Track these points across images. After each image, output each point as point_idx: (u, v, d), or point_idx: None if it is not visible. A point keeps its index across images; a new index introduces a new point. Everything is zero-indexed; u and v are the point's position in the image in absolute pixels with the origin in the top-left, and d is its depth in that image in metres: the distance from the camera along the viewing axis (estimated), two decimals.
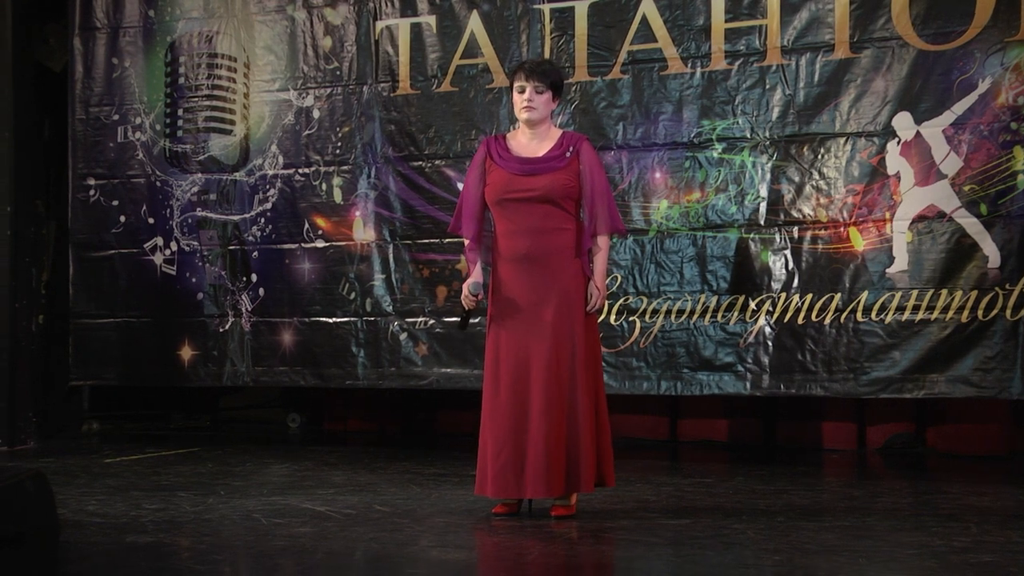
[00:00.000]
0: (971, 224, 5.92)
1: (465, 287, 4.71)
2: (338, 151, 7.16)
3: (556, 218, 4.60)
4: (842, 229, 6.16)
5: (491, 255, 4.73)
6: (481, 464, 4.64)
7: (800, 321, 6.22)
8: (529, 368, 4.55)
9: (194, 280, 7.51)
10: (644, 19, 6.54)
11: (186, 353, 7.51)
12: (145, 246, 7.62)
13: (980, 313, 5.89)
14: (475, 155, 4.82)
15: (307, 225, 7.21)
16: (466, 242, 4.80)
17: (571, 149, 4.64)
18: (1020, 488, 5.46)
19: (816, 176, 6.21)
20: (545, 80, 4.63)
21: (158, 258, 7.59)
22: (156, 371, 7.61)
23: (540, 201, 4.58)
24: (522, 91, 4.64)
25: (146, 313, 7.62)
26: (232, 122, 7.45)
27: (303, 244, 7.22)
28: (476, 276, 4.70)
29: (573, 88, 6.63)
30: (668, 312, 6.46)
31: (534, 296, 4.58)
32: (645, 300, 6.52)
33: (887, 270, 6.07)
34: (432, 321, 6.93)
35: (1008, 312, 5.84)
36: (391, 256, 7.02)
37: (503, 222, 4.65)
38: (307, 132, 7.24)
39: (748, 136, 6.34)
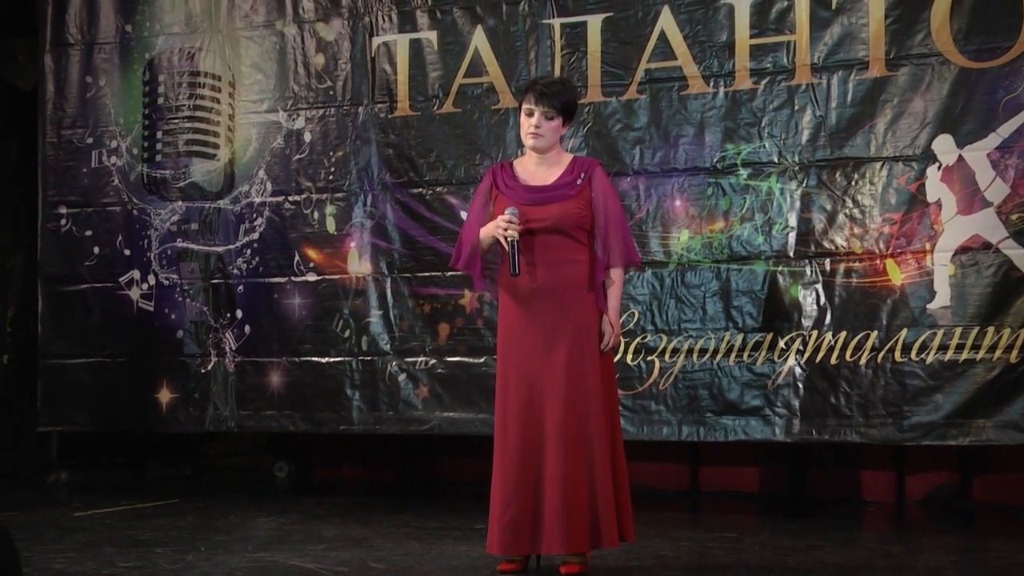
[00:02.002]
0: (1019, 256, 5.93)
1: (498, 219, 4.57)
2: (331, 177, 7.18)
3: (568, 249, 4.61)
4: (878, 261, 6.17)
5: (497, 289, 4.74)
6: (491, 517, 4.61)
7: (833, 361, 6.22)
8: (542, 412, 4.54)
9: (174, 317, 7.52)
10: (662, 35, 6.57)
11: (165, 396, 7.51)
12: (121, 280, 7.64)
13: None
14: (480, 184, 4.85)
15: (297, 257, 7.23)
16: (475, 281, 4.82)
17: (583, 175, 4.65)
18: None
19: (850, 204, 6.23)
20: (556, 105, 4.62)
21: (135, 293, 7.61)
22: (132, 415, 7.60)
23: (551, 232, 4.59)
24: (530, 115, 4.64)
25: (121, 352, 7.62)
26: (216, 146, 7.48)
27: (293, 277, 7.24)
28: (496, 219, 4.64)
29: (586, 109, 6.66)
30: (690, 351, 6.47)
31: (545, 333, 4.57)
32: (665, 338, 6.52)
33: (928, 306, 6.07)
34: (433, 361, 6.93)
35: None
36: (389, 290, 7.04)
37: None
38: (298, 156, 7.27)
39: (776, 161, 6.36)
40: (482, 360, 6.79)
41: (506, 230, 4.53)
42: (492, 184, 4.74)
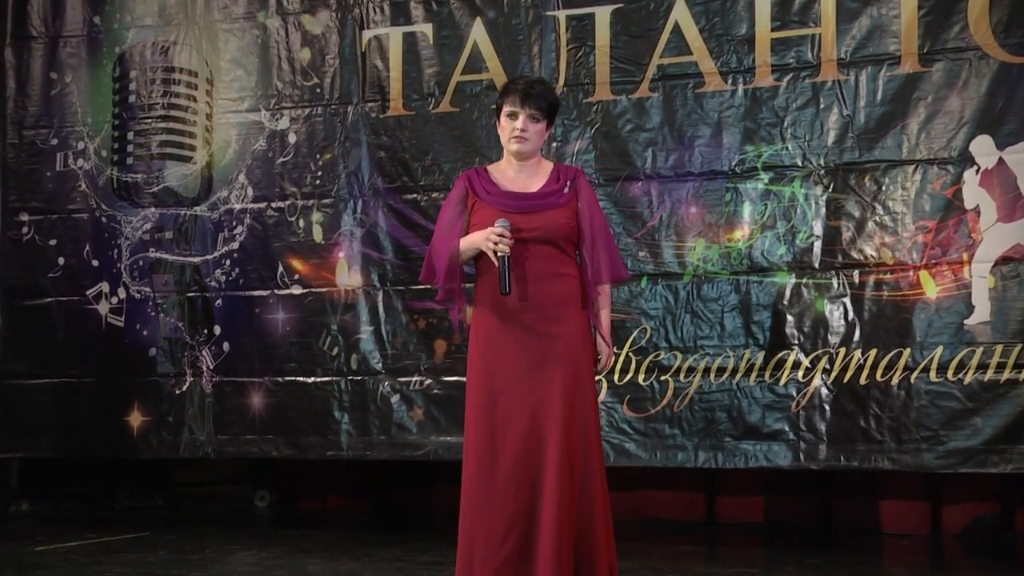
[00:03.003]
0: None
1: (487, 231, 4.47)
2: (318, 182, 7.17)
3: (557, 262, 4.55)
4: (911, 273, 6.16)
5: (475, 309, 4.63)
6: (465, 557, 4.44)
7: (862, 381, 6.21)
8: (542, 441, 4.43)
9: (146, 333, 7.50)
10: (676, 28, 6.57)
11: (135, 419, 7.48)
12: (88, 293, 7.62)
13: None
14: (452, 191, 4.73)
15: (281, 268, 7.22)
16: (439, 292, 4.67)
17: (569, 184, 4.62)
18: None
19: (880, 211, 6.22)
20: (541, 107, 4.57)
21: (103, 307, 7.59)
22: (100, 441, 7.57)
23: (539, 242, 4.52)
24: (513, 117, 4.57)
25: (88, 372, 7.60)
26: (192, 148, 7.47)
27: (276, 291, 7.22)
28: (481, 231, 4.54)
29: (594, 108, 6.65)
30: (706, 370, 6.45)
31: (535, 355, 4.48)
32: (679, 356, 6.50)
33: (965, 321, 6.06)
34: (429, 381, 6.91)
35: None
36: (381, 304, 7.03)
37: (493, 268, 4.51)
38: (281, 159, 7.26)
39: (799, 164, 6.36)
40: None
41: (497, 244, 4.47)
42: (468, 191, 4.64)
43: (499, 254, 4.44)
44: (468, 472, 4.51)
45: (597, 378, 4.72)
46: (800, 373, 6.30)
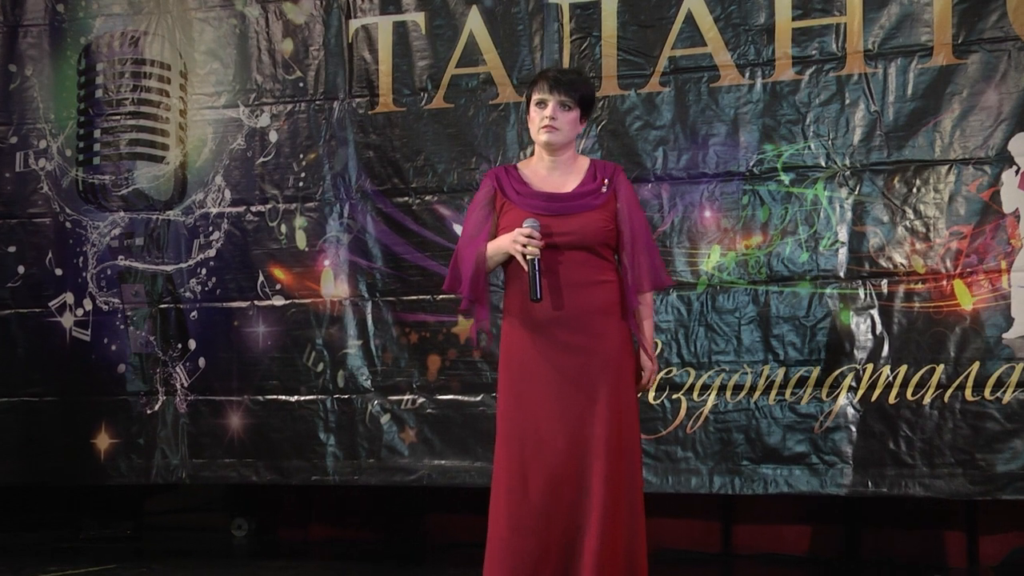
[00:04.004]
0: None
1: (514, 233, 4.50)
2: (301, 184, 7.17)
3: (594, 268, 4.58)
4: (945, 283, 6.15)
5: (488, 319, 4.67)
6: None
7: (892, 400, 6.19)
8: (584, 469, 4.44)
9: (114, 348, 7.49)
10: (690, 16, 6.56)
11: (103, 442, 7.46)
12: (51, 304, 7.60)
13: None
14: (478, 192, 4.78)
15: (261, 278, 7.21)
16: (463, 302, 4.71)
17: (606, 183, 4.63)
18: None
19: (911, 215, 6.21)
20: (573, 94, 4.61)
21: (68, 320, 7.57)
22: (63, 465, 7.55)
23: (574, 247, 4.55)
24: (542, 106, 4.62)
25: (51, 390, 7.58)
26: (164, 147, 7.46)
27: (256, 302, 7.22)
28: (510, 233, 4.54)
29: (600, 104, 6.64)
30: (722, 388, 6.45)
31: (570, 372, 4.51)
32: (693, 373, 6.49)
33: (1004, 335, 6.04)
34: (422, 400, 6.90)
35: None
36: (370, 317, 7.02)
37: (524, 275, 4.55)
38: (262, 159, 7.25)
39: (823, 164, 6.35)
40: (479, 398, 6.76)
41: (525, 246, 4.46)
42: (496, 191, 4.68)
43: (528, 257, 4.44)
44: (496, 500, 4.55)
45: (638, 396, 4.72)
46: (824, 391, 6.29)
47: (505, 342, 4.65)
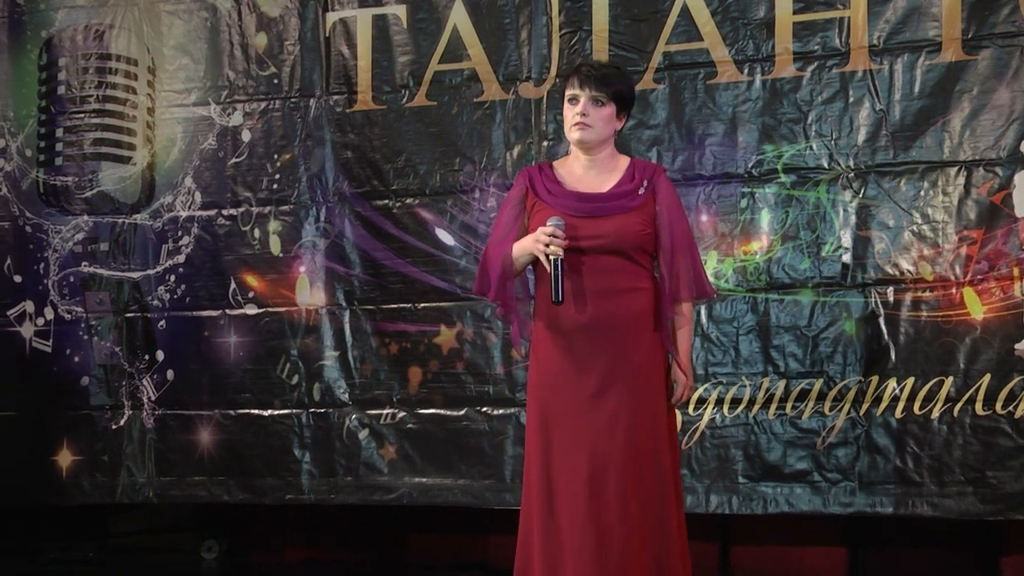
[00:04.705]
0: None
1: (537, 232, 4.52)
2: (276, 186, 7.17)
3: (629, 275, 4.58)
4: (954, 290, 6.14)
5: (531, 326, 4.69)
6: None
7: (898, 414, 6.19)
8: (605, 480, 4.47)
9: (77, 360, 7.48)
10: (685, 10, 6.55)
11: (65, 459, 7.45)
12: (9, 314, 7.60)
13: None
14: (511, 191, 4.82)
15: (233, 285, 7.21)
16: (499, 308, 4.75)
17: (645, 183, 4.63)
18: None
19: (917, 219, 6.21)
20: (605, 89, 4.62)
21: (27, 329, 7.56)
22: (23, 484, 7.54)
23: (607, 252, 4.55)
24: (575, 102, 4.63)
25: (10, 404, 7.57)
26: (131, 147, 7.46)
27: (228, 311, 7.21)
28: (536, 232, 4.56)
29: None
30: (719, 402, 6.45)
31: (597, 384, 4.52)
32: None
33: (1016, 346, 6.03)
34: (403, 414, 6.89)
35: None
36: (347, 326, 7.01)
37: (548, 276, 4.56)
38: (234, 160, 7.25)
39: (825, 166, 6.35)
40: (462, 412, 6.77)
41: (548, 245, 4.46)
42: (528, 190, 4.70)
43: (551, 256, 4.43)
44: (526, 517, 4.58)
45: None
46: (827, 405, 6.28)
47: (533, 350, 4.69)
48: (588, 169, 4.67)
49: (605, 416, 4.49)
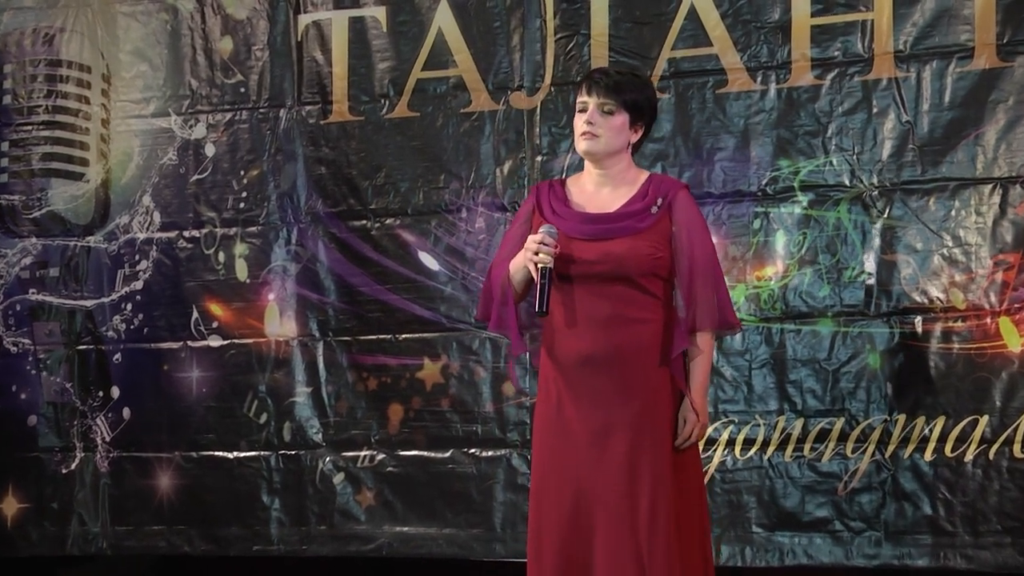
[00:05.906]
0: None
1: (529, 240, 4.54)
2: (242, 205, 7.17)
3: (635, 304, 4.56)
4: (988, 320, 6.12)
5: (541, 356, 4.71)
6: None
7: (928, 456, 6.16)
8: (592, 525, 4.48)
9: (24, 397, 7.49)
10: (693, 12, 6.56)
11: (10, 506, 7.47)
12: None
13: None
14: (521, 207, 4.89)
15: (196, 314, 7.21)
16: (510, 340, 4.77)
17: (660, 201, 4.62)
18: None
19: (948, 241, 6.19)
20: (616, 96, 4.61)
21: None
22: None
23: (611, 278, 4.54)
24: (583, 110, 4.65)
25: None
26: (84, 162, 7.48)
27: (190, 342, 7.22)
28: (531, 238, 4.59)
29: None
30: (731, 443, 6.44)
31: (594, 424, 4.52)
32: None
33: None
34: (382, 456, 6.89)
35: None
36: (321, 359, 7.01)
37: (556, 308, 4.59)
38: (196, 177, 7.26)
39: (846, 183, 6.34)
40: (447, 454, 6.77)
41: (537, 253, 4.46)
42: (535, 208, 4.73)
43: (539, 265, 4.45)
44: (528, 562, 4.62)
45: None
46: (848, 447, 6.27)
47: (539, 381, 4.72)
48: (600, 185, 4.68)
49: (595, 461, 4.50)
